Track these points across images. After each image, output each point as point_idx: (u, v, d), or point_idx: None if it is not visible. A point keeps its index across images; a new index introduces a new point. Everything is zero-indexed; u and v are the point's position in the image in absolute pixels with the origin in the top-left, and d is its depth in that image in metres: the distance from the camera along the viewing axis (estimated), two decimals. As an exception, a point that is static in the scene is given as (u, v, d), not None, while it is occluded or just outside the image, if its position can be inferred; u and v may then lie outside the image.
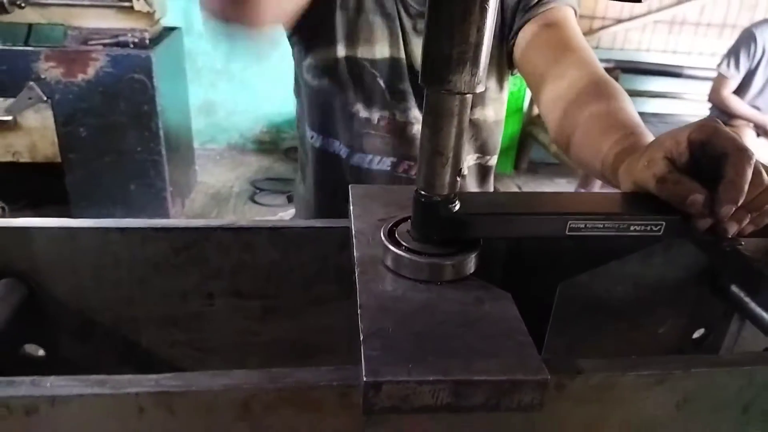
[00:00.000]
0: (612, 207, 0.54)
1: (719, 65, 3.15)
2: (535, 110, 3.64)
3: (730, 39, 3.83)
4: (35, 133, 2.55)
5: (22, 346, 0.70)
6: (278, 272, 0.70)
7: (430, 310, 0.48)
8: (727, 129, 0.53)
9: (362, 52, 0.97)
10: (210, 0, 0.67)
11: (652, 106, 3.84)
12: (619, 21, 3.81)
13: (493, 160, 1.14)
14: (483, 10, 0.42)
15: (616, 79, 3.89)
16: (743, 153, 0.50)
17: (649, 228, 0.53)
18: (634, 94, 3.81)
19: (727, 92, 3.11)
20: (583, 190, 2.84)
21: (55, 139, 2.55)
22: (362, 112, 1.01)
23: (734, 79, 3.07)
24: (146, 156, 2.62)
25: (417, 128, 1.01)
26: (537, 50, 0.92)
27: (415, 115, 1.01)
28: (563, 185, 3.73)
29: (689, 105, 3.80)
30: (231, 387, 0.44)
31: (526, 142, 3.91)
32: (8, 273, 0.66)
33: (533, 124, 3.80)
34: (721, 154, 0.51)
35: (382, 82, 0.99)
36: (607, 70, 3.85)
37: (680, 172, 0.53)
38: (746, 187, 0.50)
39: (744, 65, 3.03)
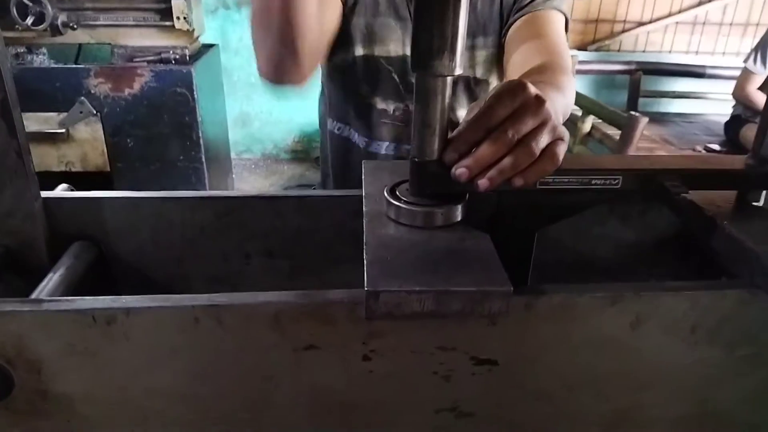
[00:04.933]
0: (576, 165, 0.65)
1: (745, 60, 3.16)
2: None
3: (754, 37, 3.84)
4: (86, 144, 2.76)
5: (92, 301, 0.84)
6: (303, 236, 0.82)
7: (422, 247, 0.59)
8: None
9: (378, 51, 1.09)
10: (262, 67, 0.87)
11: (676, 106, 3.86)
12: (641, 24, 3.86)
13: None
14: (456, 10, 0.54)
15: (638, 80, 3.87)
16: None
17: (608, 182, 0.64)
18: (657, 95, 3.85)
19: (752, 88, 3.11)
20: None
21: (105, 150, 2.75)
22: (379, 104, 1.13)
23: (760, 75, 3.07)
24: (188, 164, 2.80)
25: None
26: (515, 43, 1.03)
27: None
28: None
29: (713, 104, 3.80)
30: (265, 302, 0.57)
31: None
32: (81, 236, 0.80)
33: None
34: None
35: (396, 77, 1.11)
36: (629, 71, 3.84)
37: None
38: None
39: None
